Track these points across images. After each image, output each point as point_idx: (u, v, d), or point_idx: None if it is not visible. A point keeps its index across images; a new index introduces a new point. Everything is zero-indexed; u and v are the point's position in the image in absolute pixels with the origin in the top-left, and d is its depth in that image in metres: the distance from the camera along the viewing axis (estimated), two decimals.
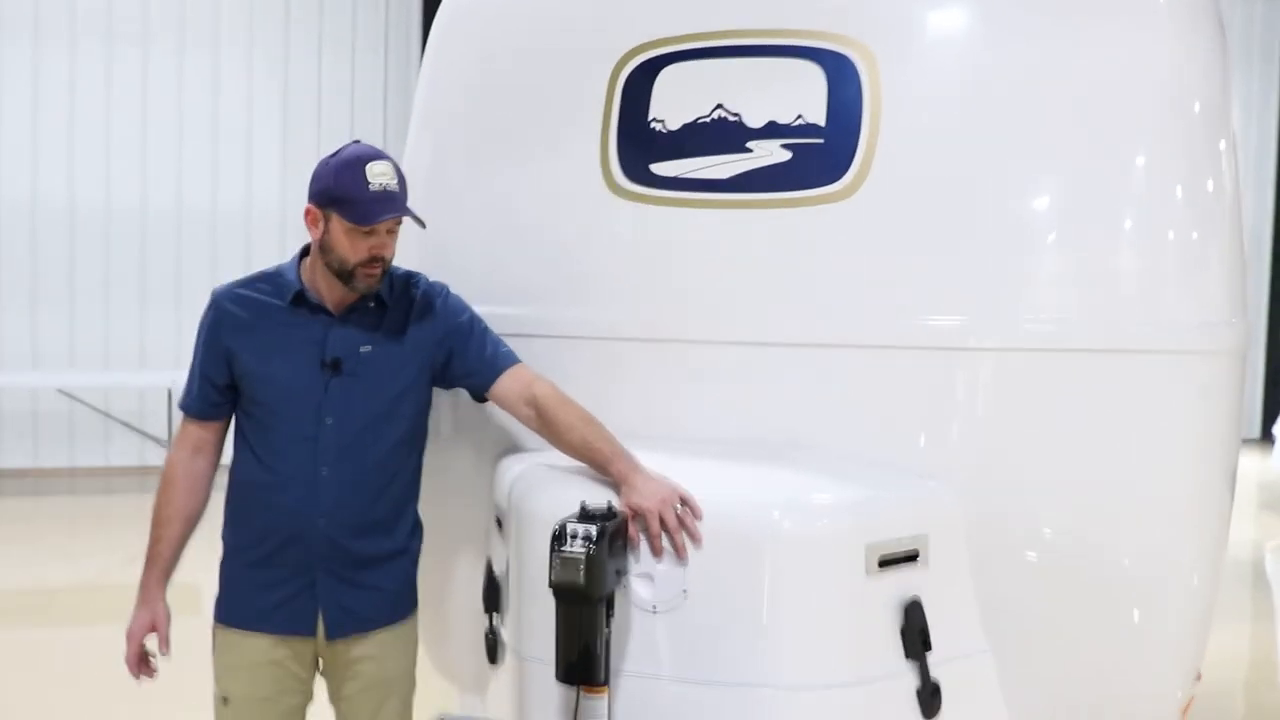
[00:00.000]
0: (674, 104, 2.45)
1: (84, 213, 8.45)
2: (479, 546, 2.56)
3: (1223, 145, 2.43)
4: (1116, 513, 2.31)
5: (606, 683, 2.01)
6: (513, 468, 2.37)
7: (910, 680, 2.14)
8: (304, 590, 2.27)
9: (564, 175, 2.55)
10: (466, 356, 2.35)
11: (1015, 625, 2.29)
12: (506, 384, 2.33)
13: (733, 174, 2.40)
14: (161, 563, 2.31)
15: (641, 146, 2.47)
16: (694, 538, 2.05)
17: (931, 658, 2.14)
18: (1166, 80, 2.37)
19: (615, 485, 2.15)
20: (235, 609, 2.31)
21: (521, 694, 2.22)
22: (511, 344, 2.40)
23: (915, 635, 2.13)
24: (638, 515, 2.07)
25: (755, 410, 2.39)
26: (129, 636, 2.32)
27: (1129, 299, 2.33)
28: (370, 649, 2.33)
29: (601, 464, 2.20)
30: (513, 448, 2.49)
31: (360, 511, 2.28)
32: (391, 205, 2.21)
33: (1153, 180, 2.35)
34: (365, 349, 2.28)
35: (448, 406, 2.37)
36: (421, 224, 2.26)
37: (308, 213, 2.26)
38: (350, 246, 2.22)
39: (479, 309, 2.43)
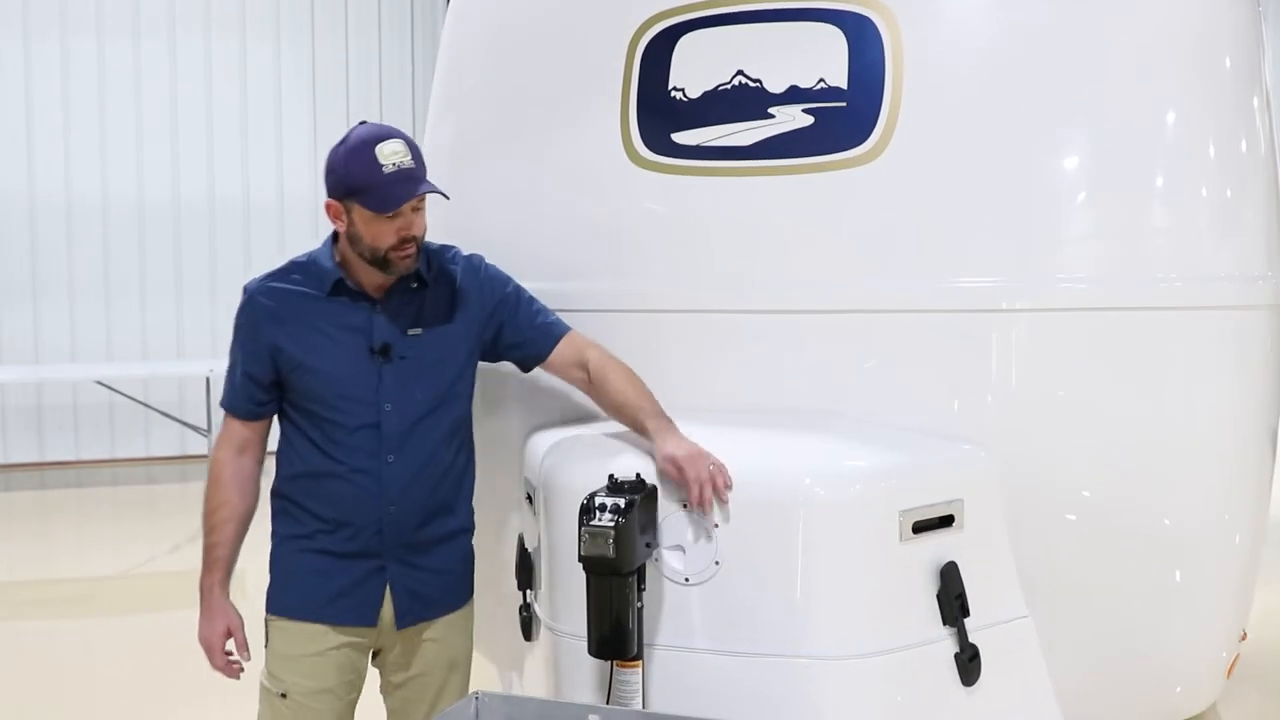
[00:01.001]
0: (694, 72, 2.45)
1: (116, 207, 8.57)
2: (514, 522, 2.58)
3: (1256, 102, 2.42)
4: (1156, 472, 2.31)
5: (640, 656, 2.03)
6: (543, 442, 2.38)
7: (948, 647, 2.15)
8: (371, 577, 2.24)
9: (585, 148, 2.56)
10: (519, 327, 2.34)
11: (1055, 589, 2.29)
12: (563, 351, 2.33)
13: (755, 141, 2.41)
14: (222, 565, 2.27)
15: (662, 116, 2.48)
16: (720, 497, 2.06)
17: (969, 623, 2.15)
18: (1197, 36, 2.35)
19: (650, 440, 2.17)
20: (295, 599, 2.26)
21: (556, 669, 2.23)
22: None
23: (952, 601, 2.14)
24: (670, 464, 2.08)
25: (784, 379, 2.40)
26: (209, 647, 2.28)
27: (1163, 255, 2.33)
28: (436, 632, 2.31)
29: (641, 420, 2.21)
30: (544, 422, 2.50)
31: (428, 495, 2.27)
32: (411, 184, 2.15)
33: (1185, 136, 2.34)
34: (414, 332, 2.25)
35: (480, 381, 2.34)
36: (445, 195, 2.22)
37: (328, 207, 2.22)
38: (377, 234, 2.17)
39: None
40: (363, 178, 2.14)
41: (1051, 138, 2.33)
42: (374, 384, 2.22)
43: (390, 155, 2.13)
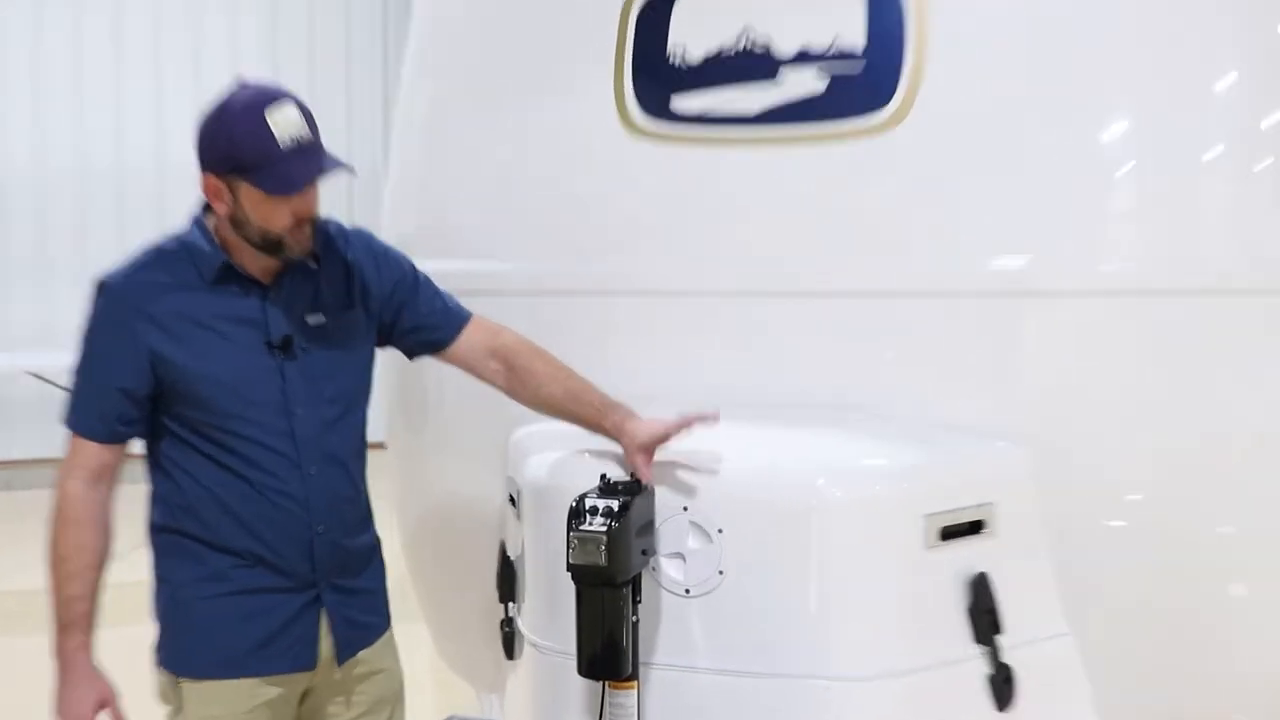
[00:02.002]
0: (695, 30, 2.43)
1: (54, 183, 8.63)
2: (492, 530, 2.56)
3: None
4: (1213, 472, 2.28)
5: (635, 677, 2.02)
6: (527, 438, 2.36)
7: (980, 667, 2.12)
8: (304, 611, 2.17)
9: (574, 116, 2.55)
10: (418, 309, 2.26)
11: (1100, 603, 2.27)
12: (471, 336, 2.26)
13: (763, 106, 2.39)
14: (84, 623, 2.10)
15: (660, 80, 2.45)
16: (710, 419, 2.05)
17: (1003, 641, 2.12)
18: None
19: (614, 439, 2.13)
20: (213, 654, 2.14)
21: (541, 691, 2.23)
22: (524, 304, 2.38)
23: (983, 616, 2.12)
24: (651, 452, 2.06)
25: (796, 369, 2.39)
26: None
27: (1219, 234, 2.32)
28: (376, 661, 2.28)
29: (593, 418, 2.16)
30: (528, 417, 2.44)
31: (351, 507, 2.22)
32: (313, 162, 2.05)
33: (1237, 105, 2.34)
34: (314, 320, 2.16)
35: (454, 373, 2.34)
36: (351, 171, 2.09)
37: (207, 185, 2.08)
38: (269, 216, 2.05)
39: (485, 268, 2.41)
40: (254, 153, 2.01)
41: (1096, 102, 2.30)
42: (278, 385, 2.13)
43: (286, 126, 2.01)
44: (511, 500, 2.41)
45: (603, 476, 2.05)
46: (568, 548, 1.96)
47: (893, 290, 2.35)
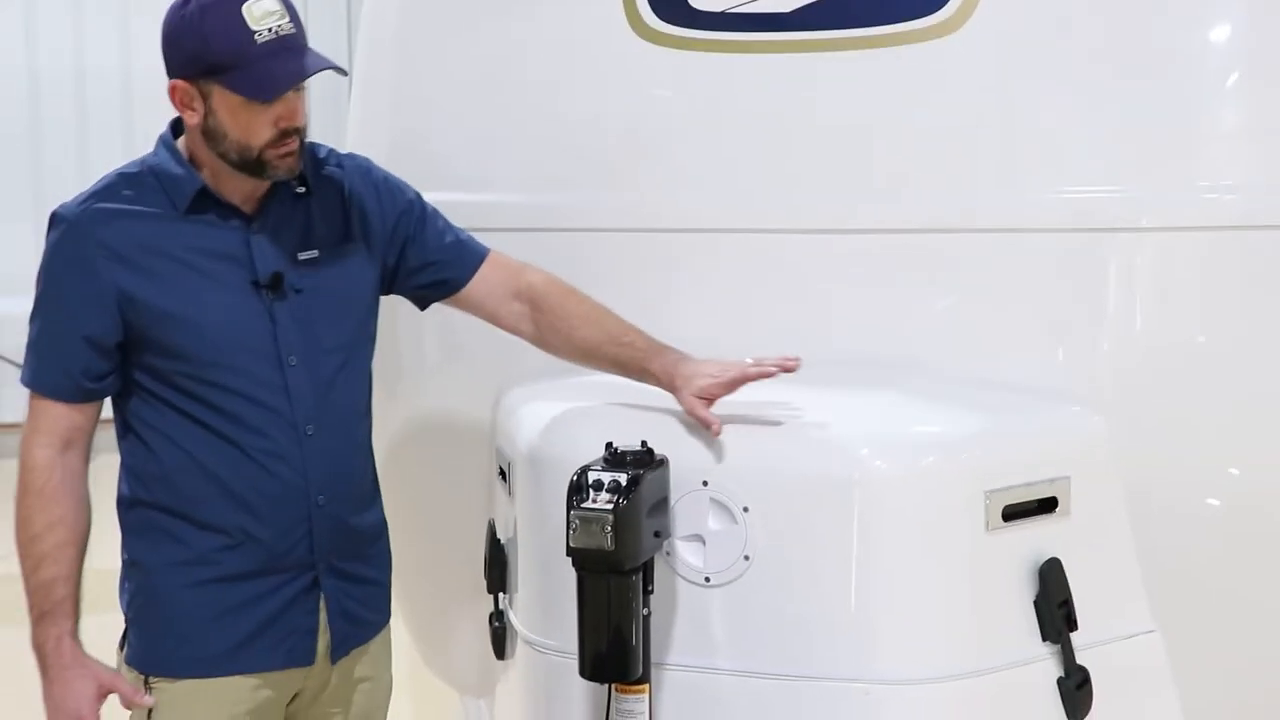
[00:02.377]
0: None
1: None
2: (479, 509, 2.52)
3: None
4: None
5: (646, 679, 1.98)
6: (520, 399, 2.32)
7: (1050, 669, 2.08)
8: (301, 598, 2.11)
9: (576, 20, 2.51)
10: (426, 245, 2.22)
11: (1191, 595, 2.23)
12: (489, 275, 2.22)
13: (797, 5, 2.34)
14: (69, 608, 2.05)
15: None
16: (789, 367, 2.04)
17: (1077, 639, 2.07)
18: None
19: (664, 384, 2.10)
20: (194, 649, 2.09)
21: (537, 696, 2.20)
22: (519, 240, 2.32)
23: (1055, 610, 2.06)
24: (717, 396, 2.04)
25: (836, 318, 2.37)
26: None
27: None
28: (368, 666, 2.23)
29: (638, 362, 2.13)
30: (521, 372, 2.44)
31: (357, 475, 2.19)
32: (295, 58, 2.01)
33: None
34: (306, 255, 2.11)
35: (435, 326, 2.30)
36: (342, 71, 2.07)
37: (174, 91, 2.03)
38: (249, 126, 2.00)
39: (470, 200, 2.34)
40: (228, 50, 1.96)
41: (1190, 3, 2.27)
42: (268, 330, 2.07)
43: (263, 18, 1.97)
44: (501, 473, 2.34)
45: (609, 445, 1.97)
46: (568, 528, 1.92)
47: (950, 225, 2.31)
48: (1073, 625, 2.07)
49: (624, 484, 1.90)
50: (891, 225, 2.33)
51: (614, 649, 1.93)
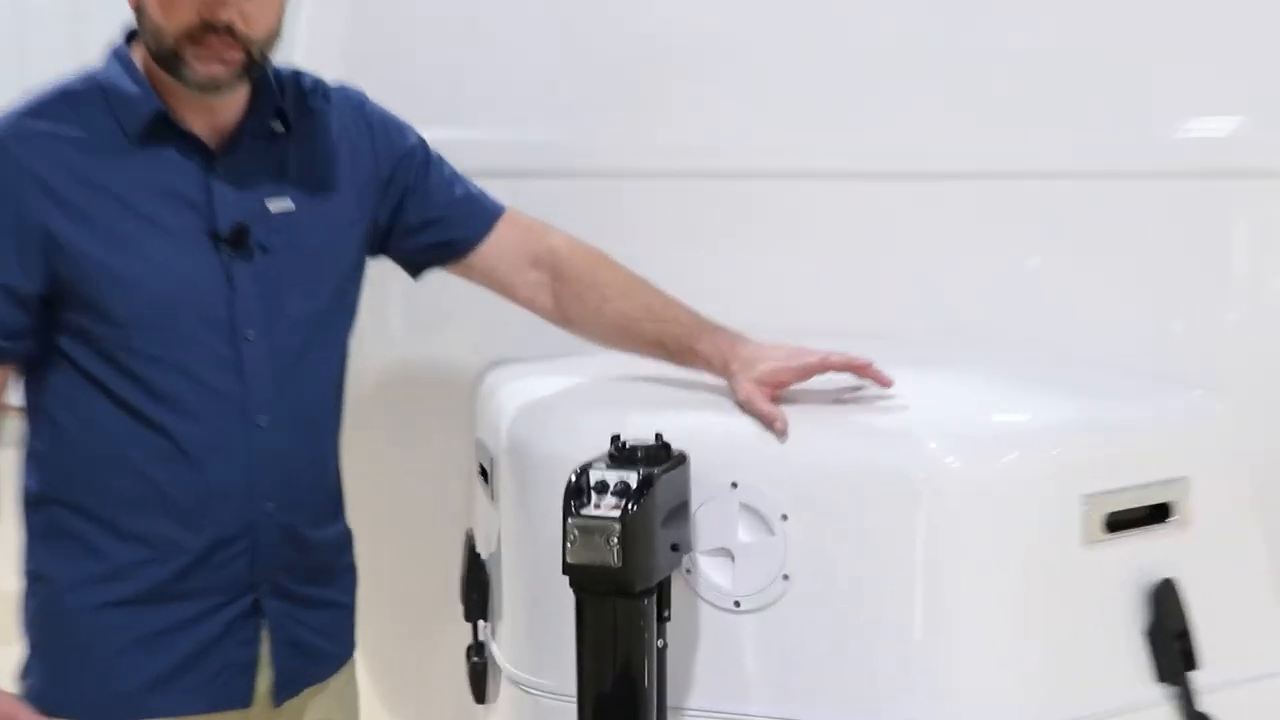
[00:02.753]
0: None
1: None
2: (454, 521, 2.45)
3: None
4: None
5: None
6: (506, 384, 2.20)
7: (1165, 716, 1.91)
8: (238, 625, 2.02)
9: None
10: (429, 198, 2.11)
11: None
12: (504, 237, 2.11)
13: None
14: None
15: None
16: (881, 380, 1.92)
17: (1199, 679, 1.90)
18: None
19: (716, 368, 1.99)
20: (98, 687, 2.00)
21: None
22: (504, 187, 2.19)
23: (1170, 642, 1.91)
24: (784, 384, 1.91)
25: (901, 284, 2.29)
26: None
27: None
28: (324, 708, 2.13)
29: (683, 341, 2.01)
30: (507, 354, 2.36)
31: (318, 476, 2.09)
32: None
33: None
34: (278, 205, 1.99)
35: (399, 292, 2.18)
36: None
37: None
38: (167, 4, 1.87)
39: (449, 137, 2.21)
40: None
41: None
42: (223, 294, 1.95)
43: None
44: (482, 472, 2.23)
45: (615, 438, 1.82)
46: (564, 541, 1.77)
47: (1038, 171, 2.24)
48: (1192, 663, 1.90)
49: (633, 486, 1.76)
50: (967, 170, 2.26)
51: (621, 689, 1.80)
